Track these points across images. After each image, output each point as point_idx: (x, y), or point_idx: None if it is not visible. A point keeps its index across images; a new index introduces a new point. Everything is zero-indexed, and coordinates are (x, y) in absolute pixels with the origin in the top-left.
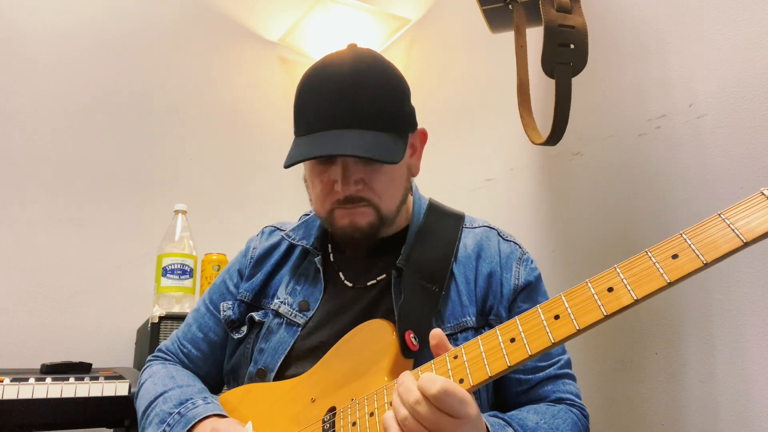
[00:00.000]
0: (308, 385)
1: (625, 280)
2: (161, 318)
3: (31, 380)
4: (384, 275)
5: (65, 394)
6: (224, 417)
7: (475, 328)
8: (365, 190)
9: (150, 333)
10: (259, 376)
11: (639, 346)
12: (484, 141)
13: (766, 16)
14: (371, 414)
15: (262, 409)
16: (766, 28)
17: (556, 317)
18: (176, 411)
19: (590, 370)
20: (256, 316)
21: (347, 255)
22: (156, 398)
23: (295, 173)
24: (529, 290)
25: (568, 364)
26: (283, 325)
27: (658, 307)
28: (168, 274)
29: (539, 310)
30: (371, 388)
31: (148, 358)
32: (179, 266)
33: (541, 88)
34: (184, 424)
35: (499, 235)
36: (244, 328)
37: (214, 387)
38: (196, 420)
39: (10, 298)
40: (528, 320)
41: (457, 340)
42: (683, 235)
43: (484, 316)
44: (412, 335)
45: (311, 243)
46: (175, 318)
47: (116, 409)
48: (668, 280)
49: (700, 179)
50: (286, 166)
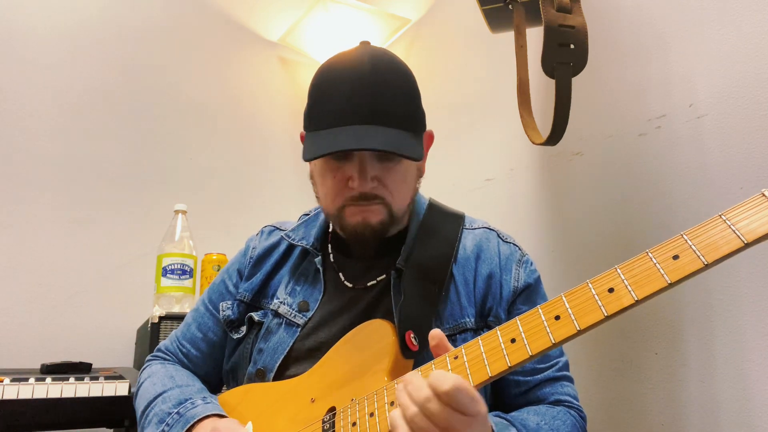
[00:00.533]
0: (308, 385)
1: (625, 281)
2: (161, 318)
3: (31, 380)
4: (384, 275)
5: (65, 394)
6: (224, 417)
7: (474, 330)
8: (380, 187)
9: (150, 333)
10: (258, 377)
11: (639, 346)
12: (484, 141)
13: (766, 16)
14: (371, 414)
15: (262, 409)
16: (766, 28)
17: (557, 318)
18: (175, 411)
19: (590, 371)
20: (256, 316)
21: (347, 255)
22: (155, 398)
23: (296, 173)
24: (529, 292)
25: (566, 366)
26: (283, 326)
27: (658, 307)
28: (168, 274)
29: (540, 310)
30: (371, 389)
31: (148, 357)
32: (179, 266)
33: (541, 88)
34: (183, 424)
35: (499, 236)
36: (244, 328)
37: (213, 387)
38: (195, 420)
39: (10, 298)
40: (528, 321)
41: (456, 341)
42: (684, 236)
43: (483, 318)
44: (412, 335)
45: (311, 243)
46: (175, 318)
47: (116, 409)
48: (669, 281)
49: (700, 179)
50: (308, 159)
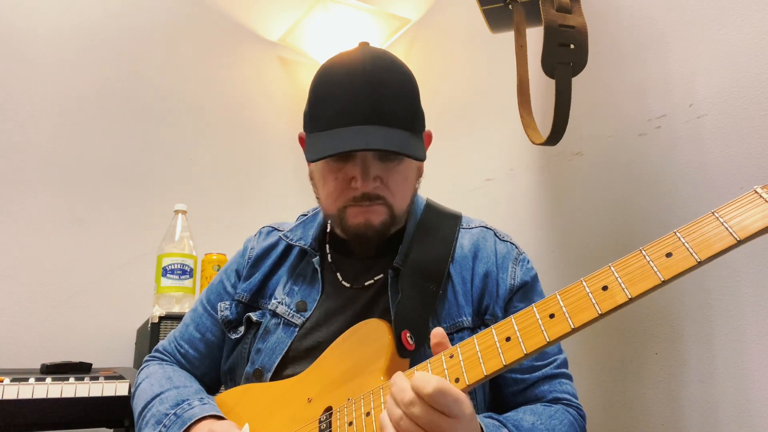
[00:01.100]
0: (305, 385)
1: (619, 279)
2: (161, 318)
3: (31, 380)
4: (381, 275)
5: (65, 394)
6: (221, 418)
7: (471, 328)
8: (382, 188)
9: (150, 333)
10: (256, 377)
11: (639, 346)
12: (484, 141)
13: (766, 16)
14: (368, 414)
15: (259, 410)
16: (766, 29)
17: (551, 316)
18: (172, 412)
19: (590, 370)
20: (254, 317)
21: (345, 255)
22: (152, 399)
23: (295, 173)
24: (525, 290)
25: (564, 364)
26: (281, 326)
27: (658, 307)
28: (168, 274)
29: (534, 309)
30: (367, 388)
31: (145, 358)
32: (179, 266)
33: (541, 88)
34: (180, 425)
35: (496, 235)
36: (242, 329)
37: (211, 387)
38: (192, 421)
39: (10, 298)
40: (523, 319)
41: (453, 341)
42: (677, 234)
43: (480, 316)
44: (408, 335)
45: (309, 243)
46: (175, 318)
47: (116, 409)
48: (662, 279)
49: (700, 179)
50: (313, 161)
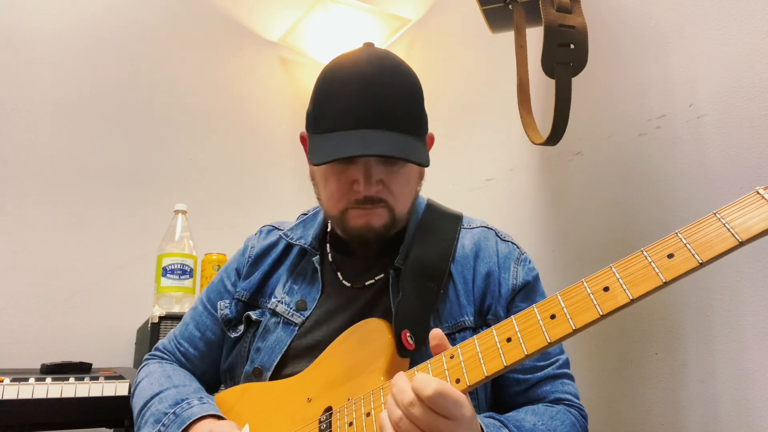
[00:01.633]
0: (305, 384)
1: (620, 280)
2: (161, 318)
3: (31, 380)
4: (382, 275)
5: (65, 394)
6: (220, 418)
7: (473, 328)
8: (384, 191)
9: (150, 333)
10: (255, 375)
11: (639, 346)
12: (484, 141)
13: (766, 16)
14: (368, 414)
15: (259, 409)
16: (765, 29)
17: (552, 317)
18: (171, 411)
19: (590, 370)
20: (253, 315)
21: (346, 255)
22: (152, 398)
23: (295, 173)
24: (527, 290)
25: (566, 364)
26: (280, 325)
27: (658, 307)
28: (168, 274)
29: (535, 309)
30: (367, 388)
31: (145, 356)
32: (179, 266)
33: (541, 88)
34: (179, 425)
35: (497, 235)
36: (241, 327)
37: (211, 386)
38: (192, 420)
39: (11, 298)
40: (524, 320)
41: (455, 340)
42: (679, 235)
43: (482, 316)
44: (408, 334)
45: (309, 242)
46: (175, 318)
47: (116, 409)
48: (664, 280)
49: (700, 179)
50: (318, 164)
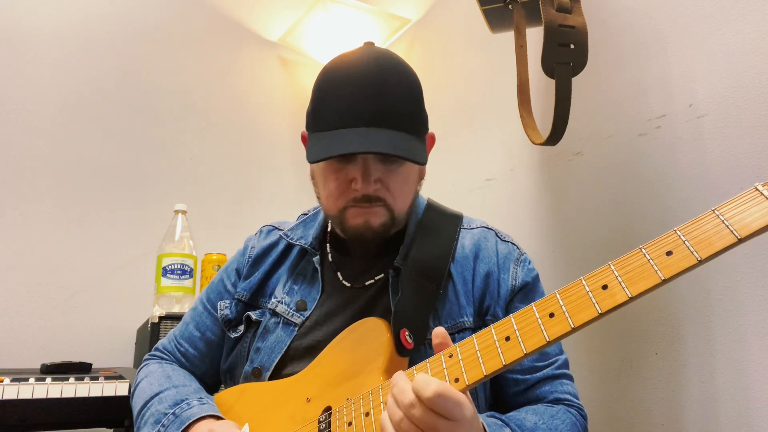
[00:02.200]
0: (304, 384)
1: (619, 278)
2: (161, 318)
3: (31, 380)
4: (382, 275)
5: (65, 394)
6: (220, 418)
7: (473, 329)
8: (382, 189)
9: (150, 333)
10: (255, 376)
11: (639, 346)
12: (484, 141)
13: (765, 16)
14: (367, 414)
15: (258, 409)
16: (765, 29)
17: (551, 315)
18: (171, 411)
19: (590, 370)
20: (254, 315)
21: (346, 255)
22: (151, 398)
23: (295, 173)
24: (527, 291)
25: (565, 364)
26: (280, 325)
27: (658, 307)
28: (168, 274)
29: (534, 308)
30: (366, 388)
31: (145, 357)
32: (179, 266)
33: (541, 88)
34: (178, 425)
35: (497, 235)
36: (241, 327)
37: (211, 386)
38: (191, 421)
39: (11, 298)
40: (523, 318)
41: (455, 341)
42: (677, 232)
43: (481, 317)
44: (407, 333)
45: (309, 242)
46: (175, 318)
47: (116, 409)
48: (662, 277)
49: (700, 179)
50: (314, 161)
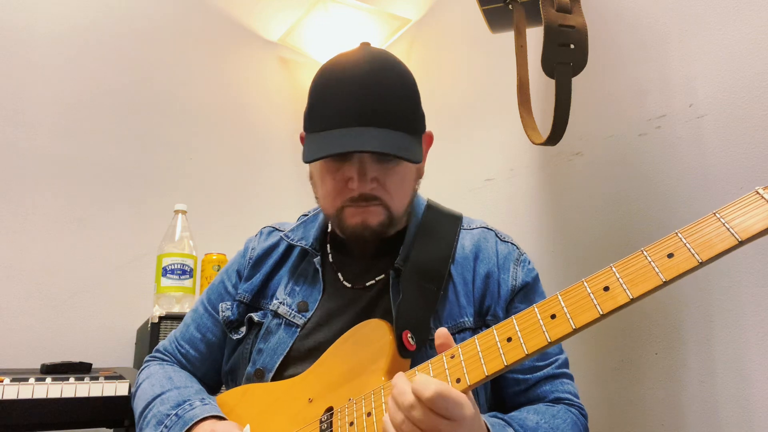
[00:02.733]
0: (305, 385)
1: (620, 279)
2: (161, 318)
3: (31, 380)
4: (383, 275)
5: (65, 394)
6: (222, 418)
7: (473, 329)
8: (379, 189)
9: (150, 333)
10: (257, 377)
11: (639, 346)
12: (484, 141)
13: (766, 16)
14: (368, 414)
15: (260, 410)
16: (766, 29)
17: (553, 317)
18: (173, 413)
19: (590, 370)
20: (255, 317)
21: (346, 255)
22: (153, 399)
23: (295, 173)
24: (527, 291)
25: (565, 364)
26: (282, 326)
27: (658, 307)
28: (168, 274)
29: (536, 309)
30: (368, 388)
31: (146, 358)
32: (179, 266)
33: (541, 88)
34: (181, 426)
35: (497, 236)
36: (243, 329)
37: (211, 387)
38: (194, 421)
39: (11, 298)
40: (524, 319)
41: (456, 341)
42: (679, 234)
43: (482, 317)
44: (409, 335)
45: (310, 243)
46: (175, 318)
47: (116, 409)
48: (664, 279)
49: (700, 179)
50: (308, 161)
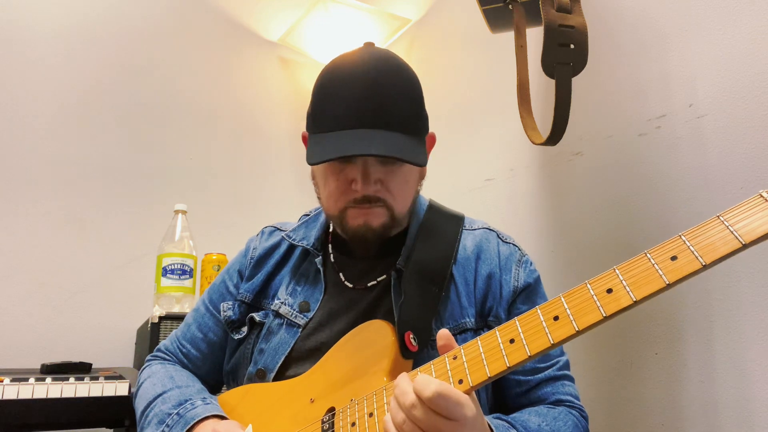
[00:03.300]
0: (307, 385)
1: (624, 282)
2: (161, 318)
3: (31, 380)
4: (384, 276)
5: (65, 394)
6: (224, 418)
7: (474, 330)
8: (382, 190)
9: (150, 333)
10: (259, 377)
11: (639, 346)
12: (484, 141)
13: (766, 15)
14: (370, 414)
15: (262, 410)
16: (766, 29)
17: (556, 318)
18: (175, 412)
19: (590, 371)
20: (257, 317)
21: (348, 256)
22: (155, 399)
23: (296, 173)
24: (528, 292)
25: (566, 366)
26: (284, 326)
27: (658, 308)
28: (168, 274)
29: (538, 311)
30: (370, 389)
31: (147, 357)
32: (179, 266)
33: (541, 88)
34: (183, 425)
35: (499, 237)
36: (245, 329)
37: (213, 387)
38: (195, 421)
39: (10, 298)
40: (527, 321)
41: (457, 342)
42: (682, 237)
43: (483, 318)
44: (411, 336)
45: (311, 243)
46: (175, 318)
47: (116, 409)
48: (667, 282)
49: (700, 179)
50: (313, 164)
